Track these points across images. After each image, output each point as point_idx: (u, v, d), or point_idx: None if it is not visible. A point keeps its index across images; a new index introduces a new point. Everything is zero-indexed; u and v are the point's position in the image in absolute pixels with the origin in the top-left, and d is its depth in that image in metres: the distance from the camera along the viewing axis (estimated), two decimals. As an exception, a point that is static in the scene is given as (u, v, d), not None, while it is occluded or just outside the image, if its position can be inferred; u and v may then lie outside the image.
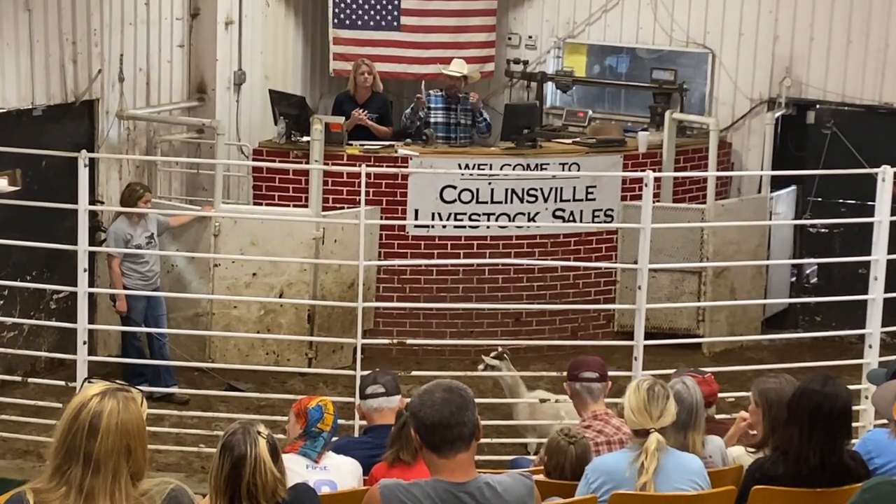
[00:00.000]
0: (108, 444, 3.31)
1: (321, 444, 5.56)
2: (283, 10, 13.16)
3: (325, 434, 5.58)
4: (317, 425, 5.57)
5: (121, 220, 10.15)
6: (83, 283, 8.50)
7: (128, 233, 10.09)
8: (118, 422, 3.32)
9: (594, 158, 11.83)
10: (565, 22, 13.54)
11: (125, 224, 10.13)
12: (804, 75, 12.49)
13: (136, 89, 11.42)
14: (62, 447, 3.35)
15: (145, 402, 3.42)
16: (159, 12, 11.62)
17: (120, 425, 3.32)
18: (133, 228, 10.14)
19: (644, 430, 5.14)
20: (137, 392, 3.40)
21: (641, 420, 5.15)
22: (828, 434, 5.03)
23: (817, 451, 4.99)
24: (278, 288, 10.87)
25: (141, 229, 10.18)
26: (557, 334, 11.51)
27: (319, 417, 5.61)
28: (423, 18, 13.12)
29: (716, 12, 12.81)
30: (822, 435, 5.01)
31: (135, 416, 3.35)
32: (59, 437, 3.36)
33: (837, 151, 12.11)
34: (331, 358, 11.03)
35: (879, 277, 8.37)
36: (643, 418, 5.15)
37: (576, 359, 6.61)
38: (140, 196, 10.06)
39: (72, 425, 3.34)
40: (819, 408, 5.04)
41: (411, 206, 11.40)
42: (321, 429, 5.57)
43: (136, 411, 3.36)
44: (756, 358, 11.40)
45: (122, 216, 10.15)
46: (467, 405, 3.89)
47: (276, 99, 11.91)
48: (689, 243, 11.65)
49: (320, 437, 5.57)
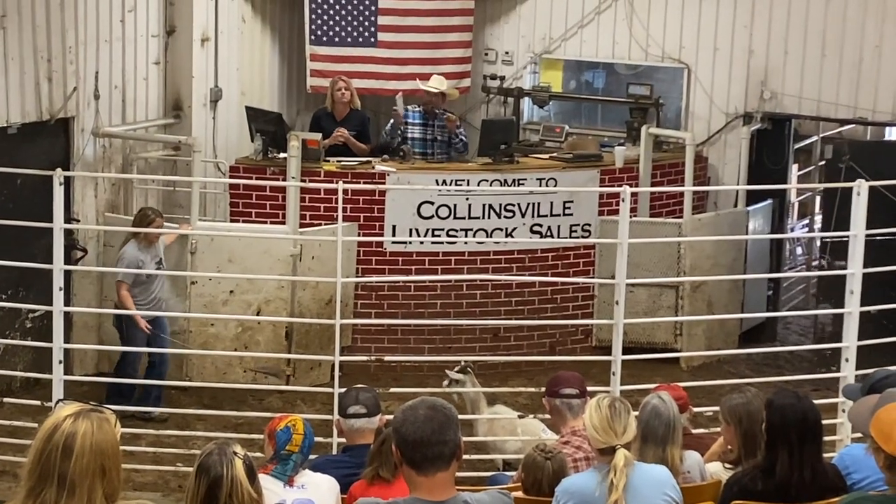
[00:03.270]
0: (83, 464, 3.30)
1: (291, 466, 5.47)
2: (260, 26, 13.15)
3: (294, 456, 5.48)
4: (286, 447, 5.49)
5: (131, 246, 10.07)
6: (59, 301, 8.44)
7: (140, 259, 10.02)
8: (92, 443, 3.30)
9: (571, 173, 11.85)
10: (541, 37, 13.57)
11: (136, 249, 10.06)
12: (779, 89, 12.54)
13: (111, 107, 11.38)
14: (36, 468, 3.33)
15: (118, 422, 3.40)
16: (135, 29, 11.59)
17: (94, 446, 3.30)
18: (145, 254, 10.08)
19: (610, 448, 5.12)
20: (111, 413, 3.38)
21: (606, 438, 5.14)
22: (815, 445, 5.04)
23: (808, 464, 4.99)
24: (256, 305, 10.84)
25: (151, 255, 10.13)
26: (536, 349, 11.52)
27: (287, 439, 5.54)
28: (399, 35, 13.13)
29: (691, 27, 12.86)
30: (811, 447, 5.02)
31: (109, 437, 3.34)
32: (33, 459, 3.34)
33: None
34: (308, 375, 10.99)
35: (855, 291, 8.38)
36: (608, 436, 5.13)
37: (555, 375, 6.59)
38: (151, 221, 10.01)
39: (45, 446, 3.32)
40: (805, 420, 5.05)
41: (389, 223, 11.39)
42: (290, 451, 5.48)
43: (110, 432, 3.35)
44: (734, 372, 11.43)
45: (132, 241, 10.07)
46: (450, 424, 3.87)
47: (252, 116, 11.89)
48: (666, 258, 11.68)
49: (290, 460, 5.48)
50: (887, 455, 3.92)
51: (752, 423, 5.64)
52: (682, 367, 11.53)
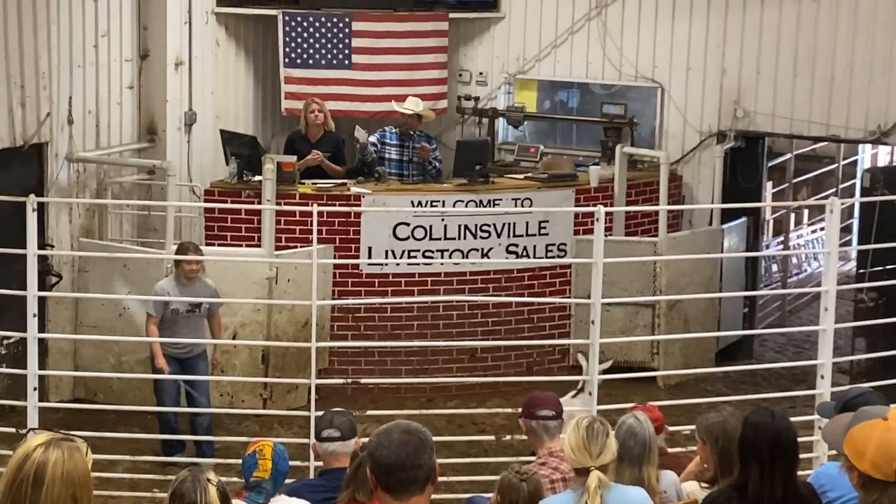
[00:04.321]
0: (54, 494, 3.28)
1: (263, 495, 5.45)
2: (234, 49, 13.15)
3: (265, 483, 5.46)
4: (253, 475, 5.47)
5: (167, 278, 9.81)
6: (33, 328, 8.41)
7: (168, 291, 9.63)
8: (63, 472, 3.29)
9: (546, 193, 11.87)
10: (515, 58, 13.61)
11: (168, 282, 9.74)
12: (752, 108, 12.61)
13: (85, 132, 11.36)
14: (7, 499, 3.31)
15: (90, 451, 3.39)
16: (108, 54, 11.58)
17: (65, 475, 3.29)
18: (177, 289, 9.64)
19: (585, 469, 5.12)
20: (82, 441, 3.37)
21: (581, 458, 5.14)
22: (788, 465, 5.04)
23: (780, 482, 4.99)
24: (232, 329, 10.81)
25: (187, 293, 9.66)
26: (513, 370, 11.52)
27: (253, 465, 5.52)
28: (374, 57, 13.15)
29: (664, 47, 12.93)
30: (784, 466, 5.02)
31: (80, 466, 3.32)
32: (4, 489, 3.32)
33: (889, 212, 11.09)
34: (285, 398, 10.97)
35: (830, 308, 8.42)
36: (583, 457, 5.13)
37: (531, 396, 6.58)
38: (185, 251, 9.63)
39: (16, 476, 3.30)
40: (777, 439, 5.05)
41: (364, 244, 11.39)
42: (259, 477, 5.46)
43: (82, 461, 3.33)
44: (711, 390, 11.44)
45: (173, 273, 9.80)
46: (425, 448, 3.85)
47: (227, 139, 11.88)
48: (642, 276, 11.71)
49: (261, 487, 5.46)
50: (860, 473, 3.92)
51: (728, 442, 5.64)
52: (659, 386, 11.55)
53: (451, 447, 9.19)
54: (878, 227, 10.63)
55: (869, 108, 12.10)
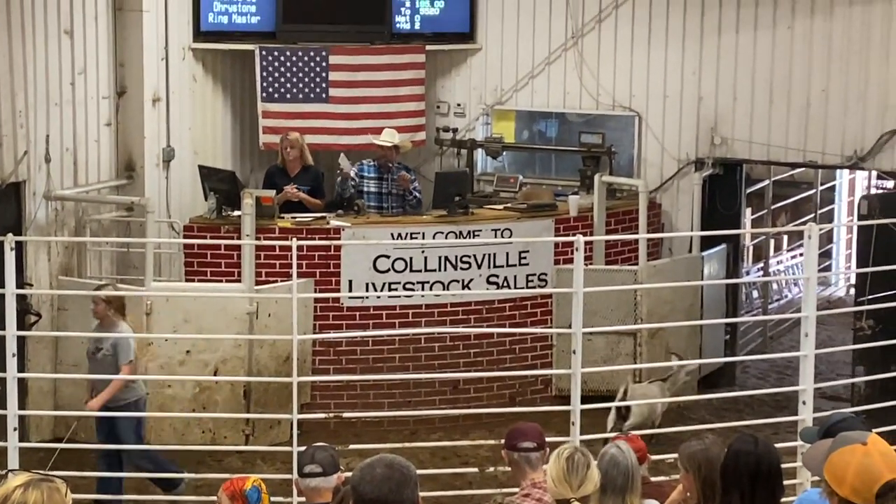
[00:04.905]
0: (34, 535, 3.27)
1: None
2: (211, 85, 13.17)
3: None
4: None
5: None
6: (12, 367, 8.38)
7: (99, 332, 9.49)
8: (43, 512, 3.28)
9: (526, 223, 11.90)
10: (493, 89, 13.67)
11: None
12: (729, 135, 12.68)
13: (63, 169, 11.35)
14: (-13, 541, 3.30)
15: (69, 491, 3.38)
16: (85, 92, 11.59)
17: (45, 516, 3.28)
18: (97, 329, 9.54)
19: (566, 500, 5.12)
20: (62, 482, 3.36)
21: (562, 489, 5.14)
22: (768, 491, 5.05)
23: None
24: (213, 365, 10.79)
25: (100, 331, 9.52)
26: (495, 401, 11.50)
27: (258, 499, 5.54)
28: (351, 90, 13.19)
29: (640, 75, 13.00)
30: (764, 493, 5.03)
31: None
32: (-16, 531, 3.31)
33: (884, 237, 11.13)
34: (268, 434, 10.93)
35: (810, 334, 8.45)
36: (563, 488, 5.13)
37: (513, 427, 6.57)
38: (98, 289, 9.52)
39: (-4, 518, 3.30)
40: (758, 467, 5.06)
41: (345, 278, 11.39)
42: None
43: (61, 501, 3.33)
44: (695, 417, 11.46)
45: None
46: (408, 482, 3.86)
47: (205, 174, 11.89)
48: (623, 305, 11.73)
49: None
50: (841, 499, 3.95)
51: (711, 470, 5.64)
52: (642, 414, 11.54)
53: (436, 480, 9.17)
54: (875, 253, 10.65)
55: (845, 134, 12.19)
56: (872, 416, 8.95)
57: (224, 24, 12.98)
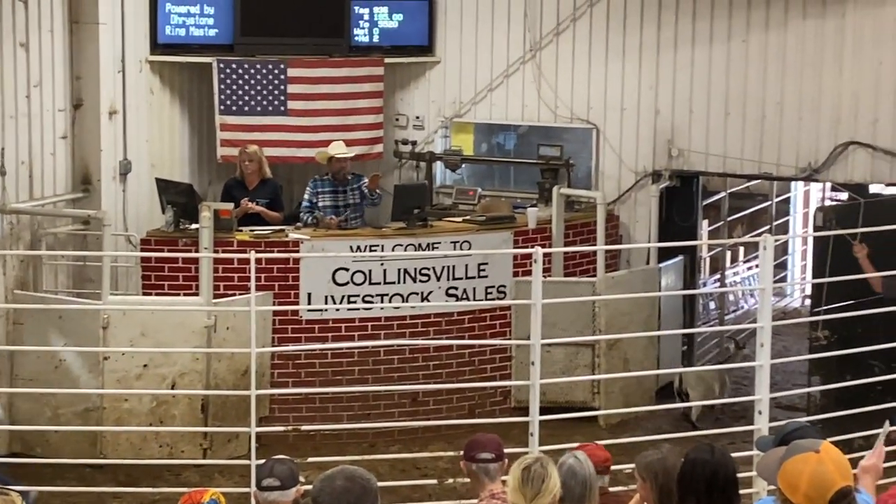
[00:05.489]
0: (-10, 549, 3.27)
1: None
2: (168, 97, 13.14)
3: None
4: None
5: None
6: (-33, 382, 8.33)
7: None
8: (-2, 527, 3.28)
9: (485, 236, 11.93)
10: (451, 102, 13.72)
11: None
12: (686, 147, 12.77)
13: (18, 182, 11.28)
14: (-58, 555, 3.29)
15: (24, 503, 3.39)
16: (41, 104, 11.53)
17: (0, 530, 3.28)
18: None
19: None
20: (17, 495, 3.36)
21: (517, 500, 5.17)
22: (725, 500, 5.09)
23: (717, 519, 5.05)
24: (170, 378, 10.74)
25: None
26: (455, 413, 11.51)
27: None
28: (309, 102, 13.19)
29: (598, 88, 13.08)
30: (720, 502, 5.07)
31: (14, 520, 3.32)
32: (-61, 546, 3.31)
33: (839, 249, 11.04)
34: (226, 447, 10.89)
35: (766, 344, 8.52)
36: (518, 498, 5.16)
37: (472, 438, 6.57)
38: None
39: (-50, 533, 3.29)
40: (714, 476, 5.10)
41: (304, 290, 11.38)
42: None
43: (15, 515, 3.33)
44: (652, 427, 11.52)
45: None
46: (368, 495, 3.87)
47: (162, 187, 11.85)
48: (581, 316, 11.77)
49: None
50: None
51: (668, 479, 5.67)
52: (600, 425, 11.59)
53: (395, 492, 9.17)
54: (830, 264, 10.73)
55: (799, 146, 12.32)
56: (828, 426, 9.03)
57: (181, 36, 12.95)
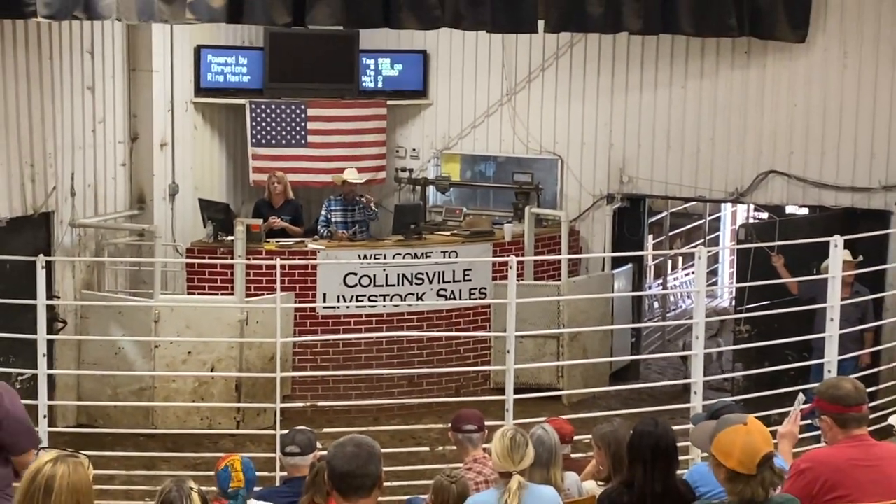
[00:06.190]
0: (61, 502, 3.25)
1: (240, 500, 5.43)
2: (209, 132, 13.14)
3: (241, 491, 5.45)
4: (229, 485, 5.45)
5: None
6: (42, 366, 8.30)
7: None
8: (69, 483, 3.27)
9: (469, 246, 11.93)
10: (442, 136, 13.73)
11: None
12: (635, 174, 12.80)
13: (85, 201, 11.26)
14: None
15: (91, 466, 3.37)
16: (104, 137, 11.52)
17: (70, 486, 3.27)
18: None
19: (508, 473, 5.15)
20: (85, 458, 3.35)
21: (505, 464, 5.16)
22: (665, 464, 5.10)
23: (659, 480, 5.05)
24: (210, 363, 10.72)
25: None
26: (444, 392, 11.51)
27: (228, 477, 5.49)
28: (326, 136, 13.21)
29: (562, 125, 13.12)
30: (662, 466, 5.08)
31: (83, 478, 3.31)
32: (20, 499, 3.30)
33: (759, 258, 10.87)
34: (256, 420, 10.87)
35: (700, 336, 8.54)
36: (506, 463, 5.16)
37: (458, 413, 6.59)
38: None
39: (29, 487, 3.28)
40: (657, 444, 5.11)
41: (320, 291, 11.37)
42: (235, 487, 5.44)
43: (84, 473, 3.31)
44: (606, 405, 11.51)
45: None
46: (373, 458, 3.86)
47: (204, 206, 11.85)
48: (548, 314, 11.77)
49: (238, 495, 5.44)
50: (728, 469, 3.99)
51: (619, 447, 5.69)
52: (564, 404, 11.58)
53: (394, 458, 9.14)
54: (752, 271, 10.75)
55: (728, 174, 12.34)
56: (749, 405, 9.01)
57: (220, 82, 12.96)
